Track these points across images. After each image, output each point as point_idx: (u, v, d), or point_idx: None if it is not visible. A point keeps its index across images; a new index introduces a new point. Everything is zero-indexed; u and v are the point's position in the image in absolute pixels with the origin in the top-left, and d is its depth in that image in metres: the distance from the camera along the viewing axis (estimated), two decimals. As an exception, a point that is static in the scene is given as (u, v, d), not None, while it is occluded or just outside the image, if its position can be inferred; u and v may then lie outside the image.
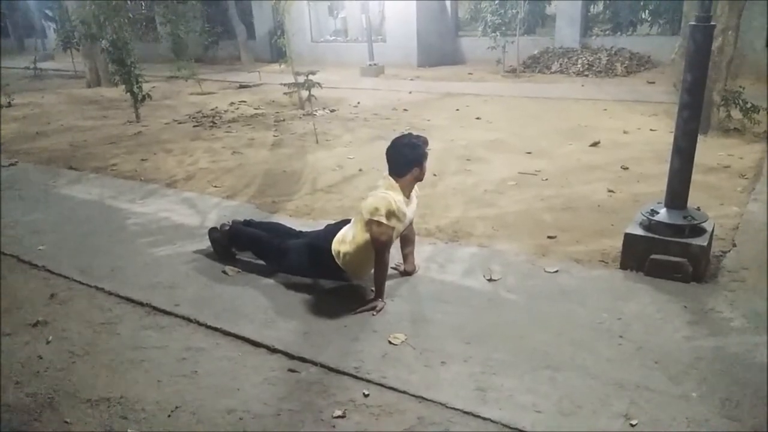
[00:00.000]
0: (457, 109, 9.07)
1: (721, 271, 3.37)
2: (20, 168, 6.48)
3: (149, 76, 11.08)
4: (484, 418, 2.26)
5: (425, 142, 3.19)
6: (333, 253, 3.22)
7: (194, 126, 8.55)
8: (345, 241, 3.21)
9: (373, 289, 3.16)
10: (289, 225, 3.91)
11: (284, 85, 9.11)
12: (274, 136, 7.69)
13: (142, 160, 6.60)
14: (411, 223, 3.39)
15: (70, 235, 4.37)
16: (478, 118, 8.27)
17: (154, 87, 10.42)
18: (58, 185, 5.74)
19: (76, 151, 7.16)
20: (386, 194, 3.07)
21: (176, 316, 3.13)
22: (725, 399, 2.32)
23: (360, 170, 5.79)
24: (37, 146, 7.50)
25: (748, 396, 2.34)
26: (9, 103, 10.88)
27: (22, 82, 14.62)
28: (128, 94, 9.09)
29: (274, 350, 2.77)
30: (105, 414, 2.40)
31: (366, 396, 2.42)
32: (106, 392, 2.52)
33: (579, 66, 12.86)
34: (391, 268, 3.43)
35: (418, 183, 3.27)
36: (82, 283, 3.55)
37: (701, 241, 3.24)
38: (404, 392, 2.43)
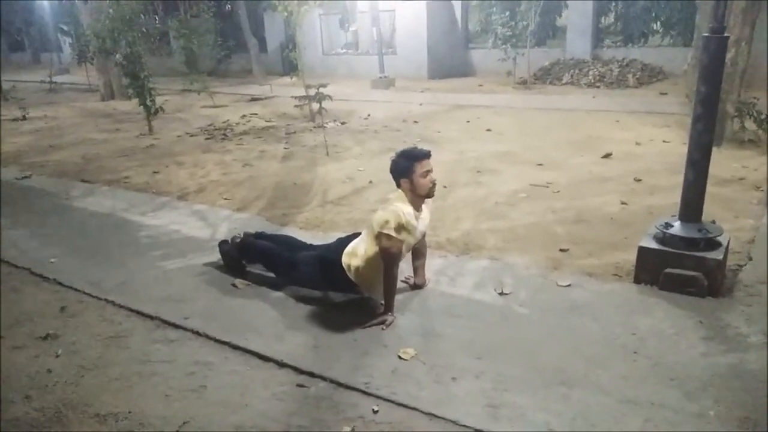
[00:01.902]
0: (468, 121, 9.06)
1: (737, 285, 3.31)
2: (34, 181, 6.54)
3: (162, 89, 11.20)
4: (496, 436, 2.22)
5: (419, 156, 3.08)
6: (344, 266, 3.21)
7: (206, 139, 8.61)
8: (356, 255, 3.19)
9: (382, 302, 3.13)
10: (299, 238, 3.90)
11: (295, 97, 9.17)
12: (285, 148, 7.72)
13: (154, 172, 6.64)
14: (423, 237, 3.36)
15: (82, 247, 4.39)
16: (488, 130, 8.25)
17: (166, 100, 10.54)
18: (71, 198, 5.78)
19: (88, 164, 7.22)
20: (396, 207, 3.05)
21: (185, 329, 3.11)
22: (743, 418, 2.26)
23: (370, 182, 5.78)
24: (51, 159, 7.58)
25: (766, 415, 2.27)
26: (24, 116, 11.02)
27: (37, 96, 14.82)
28: (141, 107, 9.18)
29: (282, 364, 2.75)
30: (113, 429, 2.38)
31: (375, 412, 2.39)
32: (114, 407, 2.51)
33: (590, 77, 12.83)
34: (402, 281, 3.40)
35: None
36: (93, 296, 3.55)
37: (716, 255, 3.19)
38: (414, 409, 2.39)
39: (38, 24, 23.86)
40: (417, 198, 3.15)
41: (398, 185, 3.15)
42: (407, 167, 3.08)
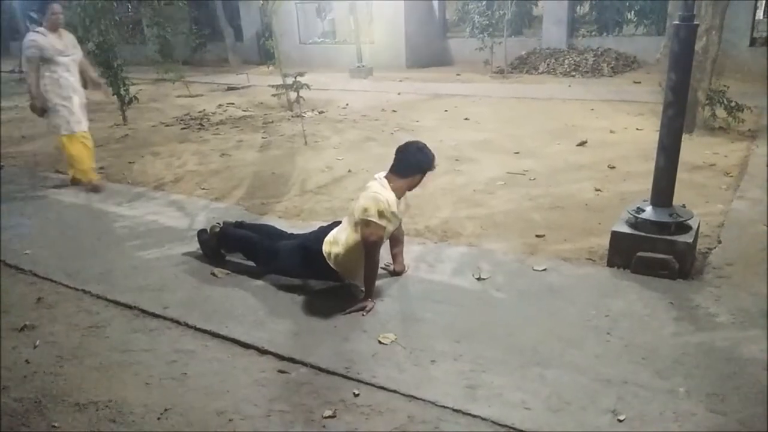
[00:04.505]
0: (446, 110, 9.09)
1: (707, 267, 3.41)
2: (6, 172, 6.41)
3: (136, 78, 10.98)
4: (474, 416, 2.27)
5: (432, 167, 3.29)
6: (325, 254, 3.23)
7: (182, 128, 8.51)
8: (337, 243, 3.22)
9: (363, 289, 3.16)
10: (279, 227, 3.91)
11: (272, 86, 9.10)
12: (263, 137, 7.67)
13: (130, 163, 6.56)
14: (400, 224, 3.40)
15: (57, 238, 4.34)
16: (466, 119, 8.30)
17: (141, 90, 10.36)
18: (45, 189, 5.69)
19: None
20: (377, 194, 3.08)
21: (165, 318, 3.11)
22: (711, 393, 2.35)
23: (349, 171, 5.79)
24: (23, 150, 7.43)
25: (734, 390, 2.37)
26: (-6, 106, 10.76)
27: (7, 86, 14.46)
28: (115, 96, 9.03)
29: (264, 351, 2.77)
30: (93, 418, 2.39)
31: (356, 396, 2.43)
32: (95, 396, 2.51)
33: (566, 66, 12.94)
34: (381, 268, 3.44)
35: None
36: (70, 287, 3.52)
37: (687, 238, 3.28)
38: (394, 391, 2.44)
39: (6, 12, 23.23)
40: (405, 189, 3.24)
41: (408, 175, 3.20)
42: (423, 168, 3.23)
